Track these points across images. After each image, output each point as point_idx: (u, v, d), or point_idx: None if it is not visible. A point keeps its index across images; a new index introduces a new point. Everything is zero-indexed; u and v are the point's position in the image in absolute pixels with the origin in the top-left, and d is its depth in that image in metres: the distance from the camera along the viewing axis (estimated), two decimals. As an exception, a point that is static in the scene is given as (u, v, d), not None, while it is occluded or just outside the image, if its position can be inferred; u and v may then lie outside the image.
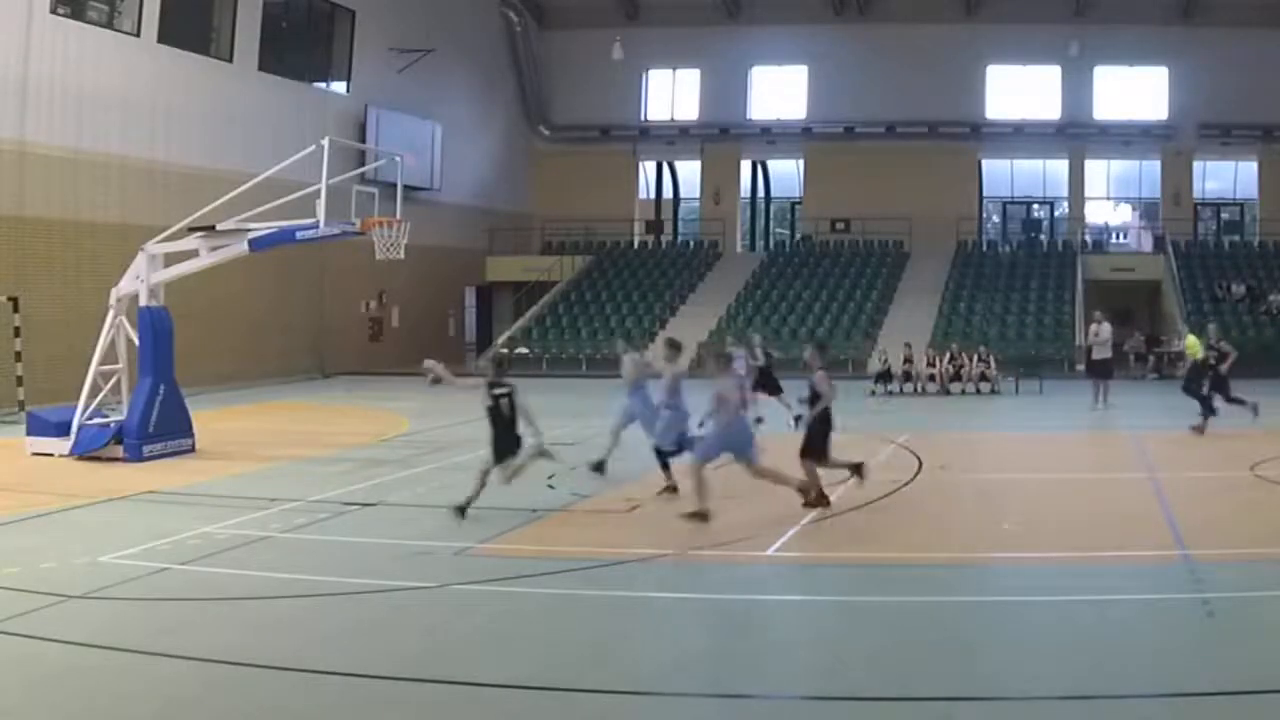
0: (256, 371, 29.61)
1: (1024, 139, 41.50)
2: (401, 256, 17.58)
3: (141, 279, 17.31)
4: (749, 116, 43.20)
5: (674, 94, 44.05)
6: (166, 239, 17.61)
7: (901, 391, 27.07)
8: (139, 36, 26.32)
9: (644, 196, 45.35)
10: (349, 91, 34.16)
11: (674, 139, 43.90)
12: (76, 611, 9.07)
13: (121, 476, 15.35)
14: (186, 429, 17.58)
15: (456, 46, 37.75)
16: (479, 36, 40.25)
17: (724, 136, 43.04)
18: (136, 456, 16.58)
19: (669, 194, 46.03)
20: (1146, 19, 38.70)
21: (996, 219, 44.45)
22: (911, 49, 39.57)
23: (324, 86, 33.63)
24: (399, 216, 17.53)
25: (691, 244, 43.72)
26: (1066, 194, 42.48)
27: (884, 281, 37.92)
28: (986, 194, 43.60)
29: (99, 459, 16.56)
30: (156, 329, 17.18)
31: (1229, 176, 42.10)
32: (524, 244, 42.45)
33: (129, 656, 8.00)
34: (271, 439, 19.85)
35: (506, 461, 12.17)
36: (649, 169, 45.47)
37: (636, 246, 43.37)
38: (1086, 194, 42.46)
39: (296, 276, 30.46)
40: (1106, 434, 20.75)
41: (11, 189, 23.45)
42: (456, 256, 38.68)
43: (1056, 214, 43.37)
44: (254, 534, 11.85)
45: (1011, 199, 44.10)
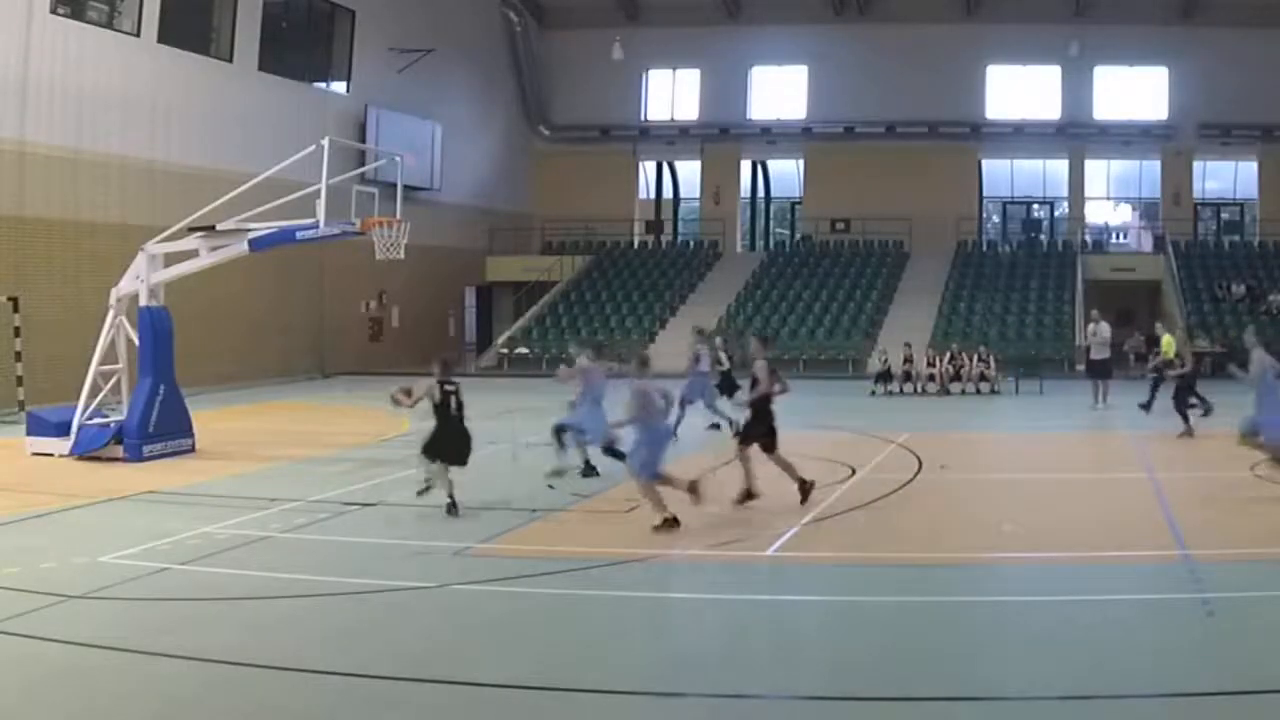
0: (256, 372, 29.58)
1: (1024, 139, 41.45)
2: (401, 256, 17.55)
3: (141, 279, 17.31)
4: (749, 116, 43.14)
5: (674, 94, 43.99)
6: (166, 239, 17.60)
7: (901, 391, 27.03)
8: (139, 36, 26.29)
9: (644, 196, 45.30)
10: (349, 91, 34.14)
11: (674, 139, 43.85)
12: (76, 611, 9.07)
13: (121, 476, 15.35)
14: (186, 429, 17.59)
15: (456, 46, 37.71)
16: (479, 36, 40.23)
17: (724, 136, 42.98)
18: (136, 456, 16.59)
19: (669, 194, 45.99)
20: (1146, 19, 38.64)
21: (996, 219, 44.41)
22: (911, 49, 39.52)
23: (324, 86, 33.60)
24: (399, 216, 17.50)
25: (691, 244, 43.67)
26: (1066, 194, 42.42)
27: (884, 281, 37.89)
28: (986, 194, 43.56)
29: (99, 459, 16.56)
30: (156, 329, 17.18)
31: (1229, 176, 42.04)
32: (524, 244, 42.42)
33: (129, 656, 8.00)
34: (271, 439, 19.86)
35: (452, 458, 12.49)
36: (649, 169, 45.42)
37: (636, 246, 43.33)
38: (1086, 194, 42.40)
39: (296, 276, 30.43)
40: (1106, 434, 20.76)
41: (11, 189, 23.44)
42: (456, 256, 38.65)
43: (1056, 214, 43.31)
44: (254, 534, 11.86)
45: (1011, 199, 44.07)
